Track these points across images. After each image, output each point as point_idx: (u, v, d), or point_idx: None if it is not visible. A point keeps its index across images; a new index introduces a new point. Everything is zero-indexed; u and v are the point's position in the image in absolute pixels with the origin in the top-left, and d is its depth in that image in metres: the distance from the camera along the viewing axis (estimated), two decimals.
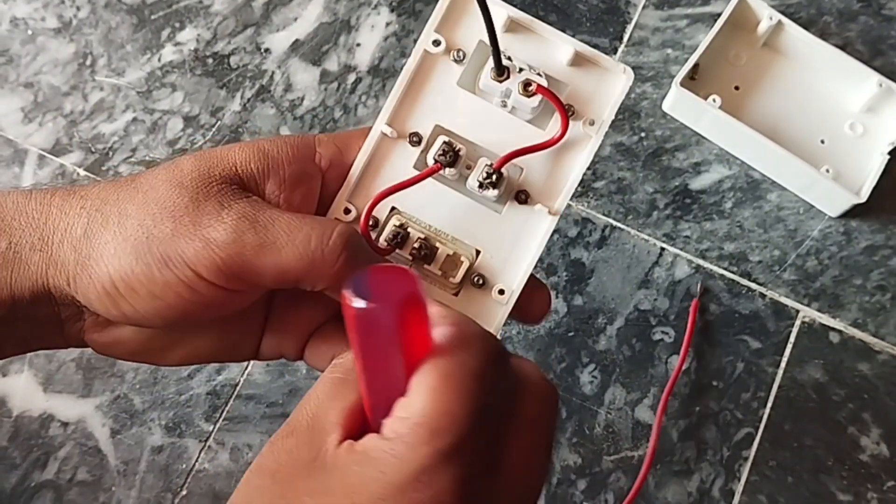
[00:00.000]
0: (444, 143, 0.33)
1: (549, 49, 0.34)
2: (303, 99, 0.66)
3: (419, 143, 0.34)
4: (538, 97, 0.32)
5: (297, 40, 0.68)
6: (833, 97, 0.67)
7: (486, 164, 0.33)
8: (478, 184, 0.33)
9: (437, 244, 0.34)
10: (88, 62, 0.67)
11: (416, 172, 0.34)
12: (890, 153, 0.63)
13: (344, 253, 0.30)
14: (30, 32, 0.68)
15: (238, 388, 0.60)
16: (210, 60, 0.67)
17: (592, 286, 0.63)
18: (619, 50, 0.68)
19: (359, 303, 0.23)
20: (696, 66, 0.64)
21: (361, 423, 0.27)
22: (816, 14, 0.69)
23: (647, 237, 0.64)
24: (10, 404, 0.60)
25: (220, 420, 0.60)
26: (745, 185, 0.65)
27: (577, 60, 0.33)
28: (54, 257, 0.30)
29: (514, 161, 0.33)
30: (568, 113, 0.33)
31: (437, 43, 0.34)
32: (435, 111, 0.34)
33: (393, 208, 0.34)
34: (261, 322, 0.35)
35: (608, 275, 0.63)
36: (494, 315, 0.34)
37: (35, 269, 0.31)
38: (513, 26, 0.34)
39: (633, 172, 0.65)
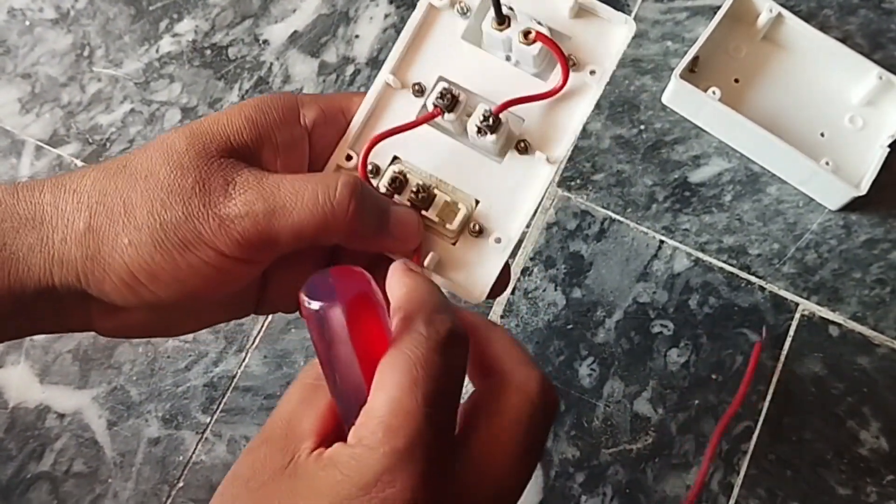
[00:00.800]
0: (443, 88, 0.33)
1: (552, 1, 0.34)
2: (301, 90, 0.66)
3: (422, 93, 0.34)
4: (538, 45, 0.33)
5: (295, 31, 0.68)
6: (833, 90, 0.66)
7: (485, 109, 0.33)
8: (476, 129, 0.33)
9: (436, 191, 0.34)
10: (86, 53, 0.67)
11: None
12: (890, 146, 0.63)
13: (353, 201, 0.31)
14: (27, 23, 0.67)
15: (235, 379, 0.60)
16: (208, 52, 0.67)
17: (591, 279, 0.63)
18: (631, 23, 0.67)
19: (312, 304, 0.25)
20: (695, 58, 0.64)
21: (335, 428, 0.28)
22: (816, 7, 0.69)
23: (646, 230, 0.63)
24: (6, 395, 0.60)
25: (218, 412, 0.59)
26: (745, 178, 0.65)
27: (579, 12, 0.34)
28: (58, 256, 0.30)
29: (516, 111, 0.33)
30: (569, 63, 0.33)
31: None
32: (438, 63, 0.34)
33: (395, 157, 0.34)
34: (261, 281, 0.35)
35: (607, 267, 0.63)
36: (491, 263, 0.34)
37: (37, 271, 0.30)
38: None
39: (633, 165, 0.65)
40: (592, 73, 0.33)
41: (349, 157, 0.34)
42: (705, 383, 0.61)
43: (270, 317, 0.61)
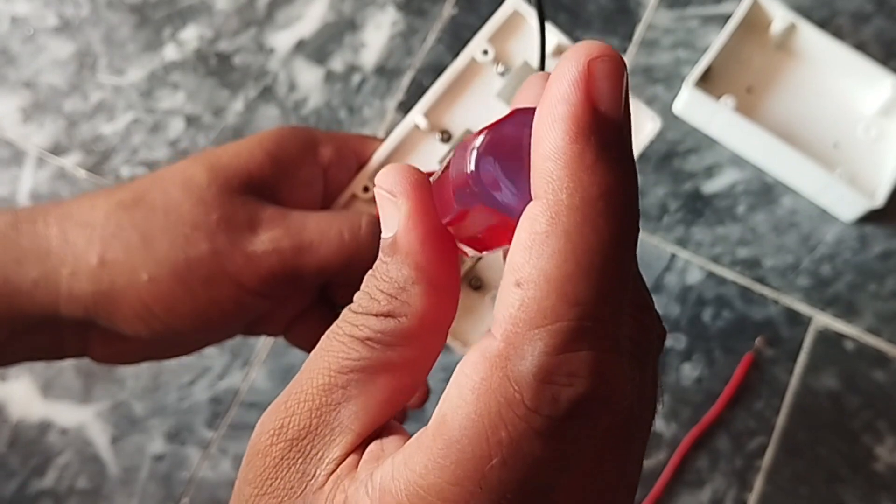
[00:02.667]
0: None
1: None
2: (307, 99, 0.65)
3: (448, 140, 0.35)
4: None
5: (301, 39, 0.67)
6: (846, 99, 0.65)
7: None
8: None
9: None
10: (89, 61, 0.66)
11: (440, 167, 0.34)
12: None
13: (376, 240, 0.30)
14: (30, 31, 0.66)
15: (240, 394, 0.59)
16: (213, 60, 0.66)
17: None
18: (630, 50, 0.67)
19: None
20: (708, 67, 0.63)
21: (386, 418, 0.20)
22: (829, 15, 0.68)
23: (658, 242, 0.63)
24: (8, 410, 0.59)
25: (223, 427, 0.58)
26: (758, 189, 0.64)
27: None
28: (65, 291, 0.29)
29: None
30: None
31: (485, 52, 0.35)
32: (469, 114, 0.35)
33: None
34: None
35: None
36: (484, 319, 0.34)
37: (41, 305, 0.30)
38: (560, 51, 0.34)
39: (644, 175, 0.64)
40: None
41: (366, 189, 0.35)
42: (719, 398, 0.60)
43: None
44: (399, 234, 0.20)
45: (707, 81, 0.64)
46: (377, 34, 0.67)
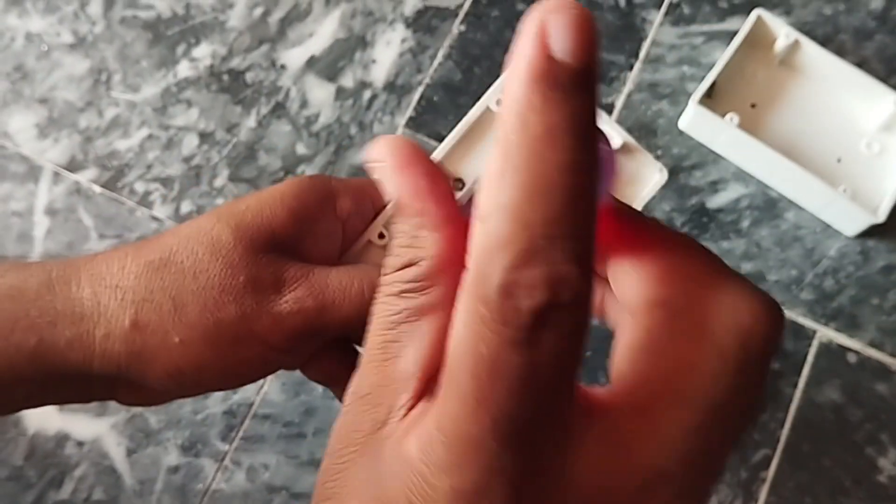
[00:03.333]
0: None
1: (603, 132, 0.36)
2: (318, 115, 0.66)
3: (461, 188, 0.36)
4: None
5: (312, 56, 0.68)
6: (849, 115, 0.66)
7: None
8: None
9: None
10: (104, 78, 0.67)
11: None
12: None
13: None
14: (45, 48, 0.67)
15: (254, 407, 0.60)
16: (225, 76, 0.67)
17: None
18: (636, 67, 0.68)
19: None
20: (712, 83, 0.64)
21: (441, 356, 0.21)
22: (832, 32, 0.69)
23: None
24: (25, 423, 0.60)
25: (237, 440, 0.59)
26: (763, 204, 0.65)
27: (622, 149, 0.35)
28: (98, 351, 0.30)
29: None
30: None
31: (499, 102, 0.35)
32: (482, 163, 0.36)
33: None
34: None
35: None
36: None
37: (74, 363, 0.31)
38: None
39: None
40: None
41: (381, 236, 0.36)
42: None
43: None
44: (395, 193, 0.22)
45: (712, 97, 0.65)
46: (387, 51, 0.68)
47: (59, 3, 0.68)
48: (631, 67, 0.68)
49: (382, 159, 0.23)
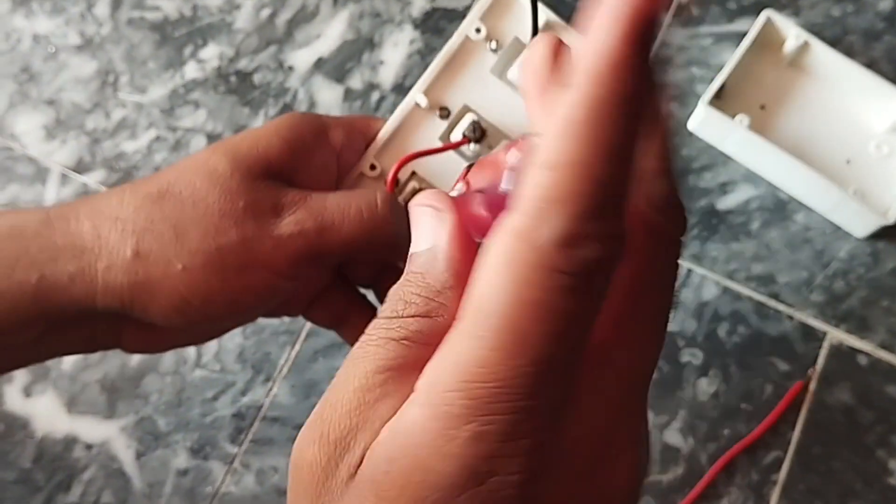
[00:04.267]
0: (473, 121, 0.36)
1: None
2: None
3: (447, 117, 0.37)
4: None
5: (320, 58, 0.67)
6: (859, 116, 0.66)
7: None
8: None
9: None
10: (111, 79, 0.67)
11: (440, 143, 0.37)
12: None
13: (392, 215, 0.33)
14: (52, 49, 0.67)
15: (263, 409, 0.60)
16: (233, 78, 0.67)
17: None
18: None
19: None
20: (722, 85, 0.64)
21: None
22: (841, 33, 0.69)
23: None
24: (33, 426, 0.59)
25: (246, 442, 0.59)
26: (772, 206, 0.65)
27: None
28: (101, 284, 0.30)
29: None
30: None
31: (478, 30, 0.37)
32: (465, 91, 0.37)
33: (413, 172, 0.37)
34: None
35: None
36: None
37: (79, 298, 0.30)
38: (547, 28, 0.36)
39: None
40: None
41: (373, 167, 0.37)
42: (735, 413, 0.60)
43: (298, 346, 0.61)
44: (442, 244, 0.22)
45: (721, 99, 0.65)
46: (395, 52, 0.68)
47: (66, 5, 0.68)
48: None
49: (439, 208, 0.23)
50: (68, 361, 0.60)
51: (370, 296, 0.39)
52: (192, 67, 0.67)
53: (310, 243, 0.31)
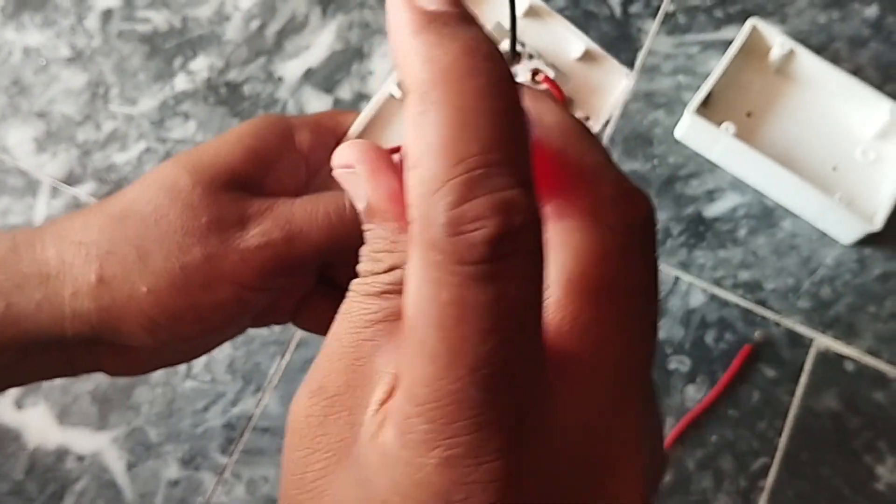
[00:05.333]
0: None
1: (561, 40, 0.35)
2: None
3: None
4: (543, 87, 0.34)
5: (309, 68, 0.68)
6: (845, 123, 0.67)
7: None
8: None
9: None
10: (101, 91, 0.67)
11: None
12: None
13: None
14: (43, 62, 0.68)
15: (253, 420, 0.60)
16: (223, 89, 0.67)
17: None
18: (632, 76, 0.68)
19: None
20: (708, 93, 0.64)
21: None
22: (827, 40, 0.69)
23: (661, 266, 0.64)
24: (25, 438, 0.60)
25: (236, 452, 0.60)
26: (759, 213, 0.65)
27: (585, 57, 0.35)
28: (69, 311, 0.30)
29: None
30: (568, 106, 0.34)
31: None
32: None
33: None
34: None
35: None
36: None
37: (47, 326, 0.30)
38: (531, 12, 0.35)
39: None
40: (587, 118, 0.35)
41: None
42: (722, 419, 0.61)
43: (288, 356, 0.61)
44: (369, 197, 0.21)
45: (708, 106, 0.65)
46: (384, 62, 0.68)
47: (57, 18, 0.68)
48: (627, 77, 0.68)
49: (351, 164, 0.22)
50: None
51: None
52: (182, 79, 0.67)
53: (278, 254, 0.31)
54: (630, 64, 0.68)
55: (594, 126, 0.35)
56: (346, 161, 0.22)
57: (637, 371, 0.20)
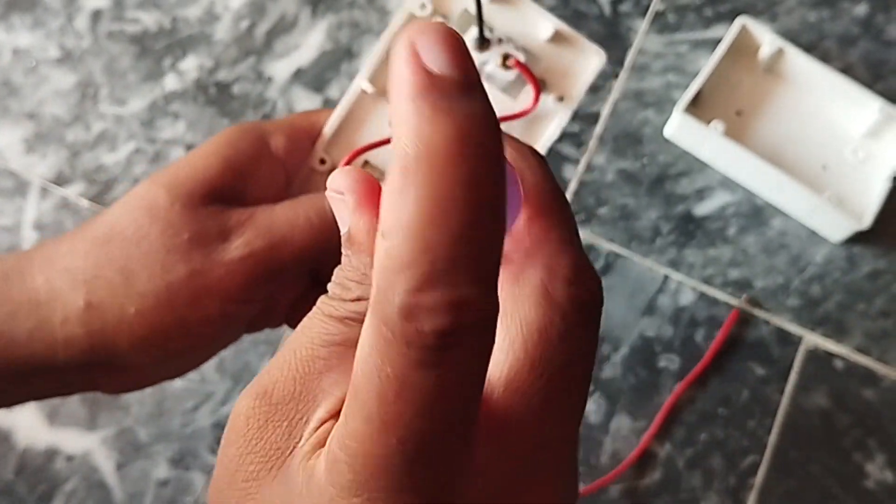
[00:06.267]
0: None
1: (529, 23, 0.35)
2: None
3: None
4: (515, 71, 0.34)
5: (299, 68, 0.68)
6: (835, 122, 0.67)
7: None
8: None
9: None
10: (91, 92, 0.67)
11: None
12: (893, 179, 0.63)
13: None
14: (32, 63, 0.68)
15: None
16: (212, 89, 0.67)
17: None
18: (621, 75, 0.68)
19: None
20: (698, 91, 0.64)
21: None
22: (817, 38, 0.69)
23: (651, 264, 0.64)
24: (14, 438, 0.60)
25: None
26: (749, 211, 0.65)
27: (555, 38, 0.34)
28: (61, 337, 0.30)
29: None
30: (541, 88, 0.34)
31: (423, 6, 0.35)
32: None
33: (366, 162, 0.36)
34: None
35: (612, 302, 0.63)
36: None
37: (39, 353, 0.30)
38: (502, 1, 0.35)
39: (637, 199, 0.65)
40: (561, 99, 0.35)
41: (323, 161, 0.36)
42: (712, 418, 0.61)
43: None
44: (351, 226, 0.22)
45: (697, 105, 0.66)
46: None
47: (46, 19, 0.68)
48: (616, 76, 0.68)
49: (341, 191, 0.23)
50: None
51: None
52: (171, 79, 0.67)
53: (262, 262, 0.31)
54: (620, 63, 0.68)
55: (569, 107, 0.35)
56: (338, 187, 0.23)
57: (562, 441, 0.21)
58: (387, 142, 0.35)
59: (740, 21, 0.65)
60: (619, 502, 0.59)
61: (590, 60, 0.35)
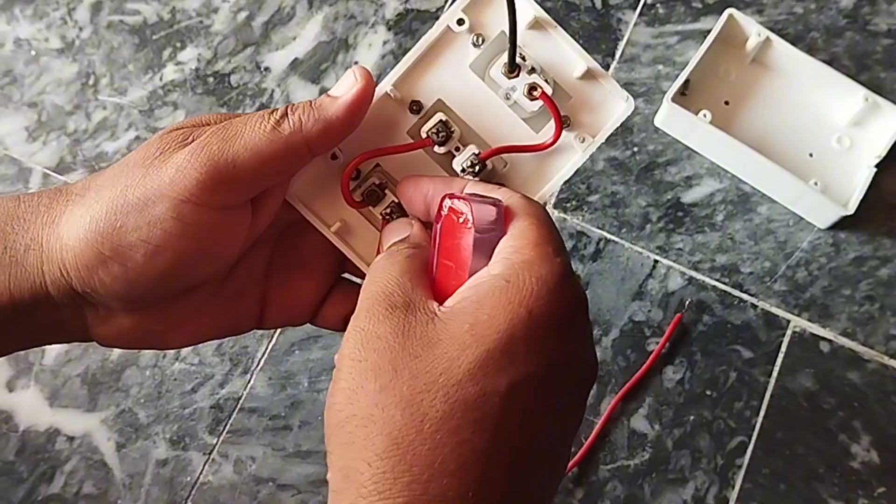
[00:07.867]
0: (441, 121, 0.34)
1: (563, 57, 0.34)
2: None
3: (418, 111, 0.35)
4: (539, 103, 0.34)
5: (296, 59, 0.69)
6: (821, 111, 0.68)
7: (474, 154, 0.34)
8: (461, 168, 0.34)
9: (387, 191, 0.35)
10: (91, 81, 0.68)
11: (408, 138, 0.35)
12: (876, 166, 0.65)
13: (301, 129, 0.31)
14: (33, 53, 0.69)
15: (241, 401, 0.61)
16: (211, 79, 0.69)
17: (587, 298, 0.64)
18: (612, 66, 0.69)
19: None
20: (686, 81, 0.66)
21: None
22: (804, 30, 0.70)
23: (640, 250, 0.65)
24: (16, 419, 0.61)
25: (224, 433, 0.61)
26: (736, 198, 0.66)
27: (586, 75, 0.34)
28: (45, 252, 0.31)
29: (501, 155, 0.35)
30: (564, 124, 0.34)
31: (461, 22, 0.34)
32: (441, 86, 0.35)
33: (377, 165, 0.35)
34: (259, 295, 0.36)
35: (603, 287, 0.64)
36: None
37: (31, 270, 0.31)
38: (537, 25, 0.34)
39: (627, 186, 0.67)
40: (583, 140, 0.34)
41: (335, 157, 0.35)
42: (700, 399, 0.62)
43: (274, 339, 0.62)
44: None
45: (686, 95, 0.67)
46: (369, 53, 0.69)
47: (47, 9, 0.70)
48: (607, 67, 0.69)
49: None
50: (50, 356, 0.62)
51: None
52: (170, 69, 0.69)
53: (215, 160, 0.30)
54: (611, 54, 0.70)
55: (588, 149, 0.34)
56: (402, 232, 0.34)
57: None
58: (397, 150, 0.35)
59: (728, 13, 0.67)
60: (609, 482, 0.60)
61: (617, 105, 0.34)
